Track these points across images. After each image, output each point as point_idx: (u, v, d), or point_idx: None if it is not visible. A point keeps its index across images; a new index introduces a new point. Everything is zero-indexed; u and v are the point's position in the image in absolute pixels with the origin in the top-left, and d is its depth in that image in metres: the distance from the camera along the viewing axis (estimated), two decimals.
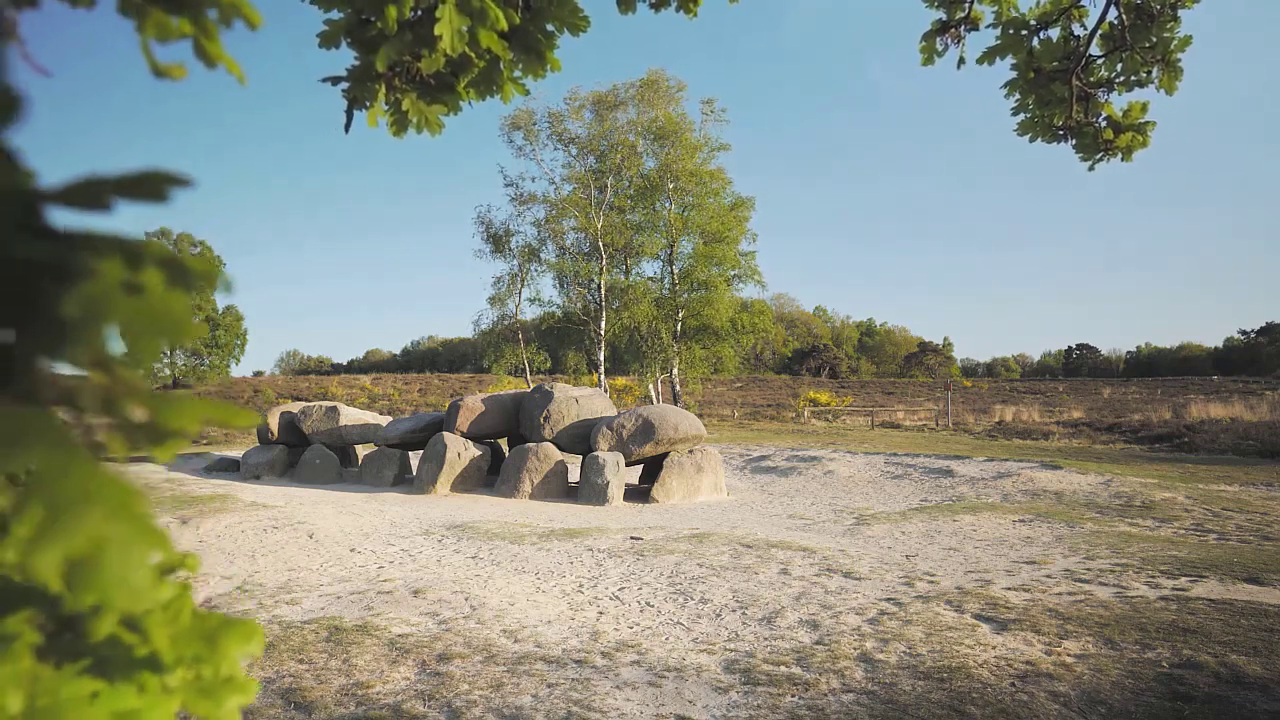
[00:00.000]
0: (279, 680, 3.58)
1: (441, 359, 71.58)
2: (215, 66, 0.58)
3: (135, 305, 0.37)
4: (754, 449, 16.52)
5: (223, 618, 0.48)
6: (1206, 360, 63.46)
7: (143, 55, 0.53)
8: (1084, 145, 2.52)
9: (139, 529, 0.36)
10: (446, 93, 1.41)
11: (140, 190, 0.39)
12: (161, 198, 0.40)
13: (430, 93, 1.40)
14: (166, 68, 0.53)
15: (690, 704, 3.35)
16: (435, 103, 1.41)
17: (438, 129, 1.44)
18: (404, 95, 1.38)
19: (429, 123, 1.42)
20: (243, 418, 0.41)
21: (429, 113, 1.41)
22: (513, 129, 23.89)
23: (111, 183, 0.38)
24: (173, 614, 0.46)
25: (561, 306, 24.05)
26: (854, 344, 75.50)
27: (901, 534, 7.59)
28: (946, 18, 2.59)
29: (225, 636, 0.47)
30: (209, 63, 0.58)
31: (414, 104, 1.39)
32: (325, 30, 1.32)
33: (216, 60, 0.58)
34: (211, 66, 0.58)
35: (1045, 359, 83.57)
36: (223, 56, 0.58)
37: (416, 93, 1.39)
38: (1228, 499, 8.97)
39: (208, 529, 7.48)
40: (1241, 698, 3.23)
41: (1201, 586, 4.96)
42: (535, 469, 10.96)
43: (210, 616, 0.48)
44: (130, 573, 0.35)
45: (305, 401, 15.53)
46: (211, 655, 0.46)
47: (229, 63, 0.59)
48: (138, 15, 0.54)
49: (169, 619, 0.46)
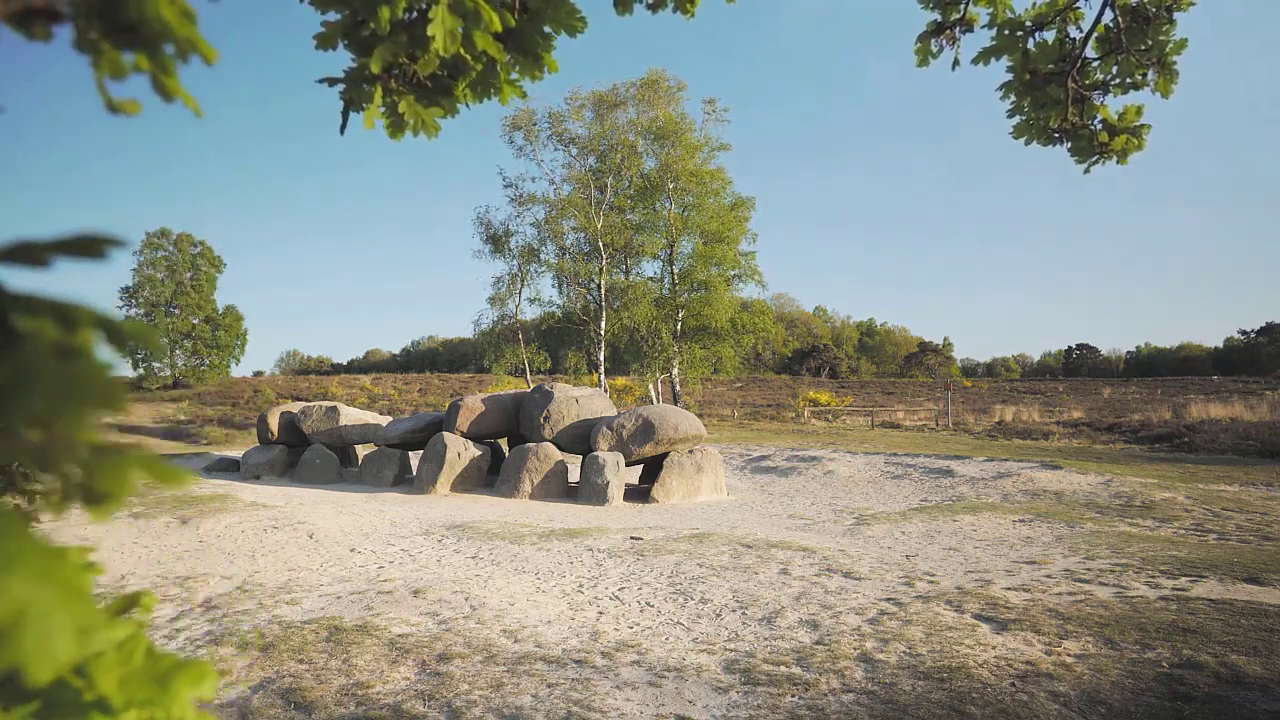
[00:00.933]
0: (279, 680, 3.58)
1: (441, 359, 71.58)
2: (173, 101, 0.59)
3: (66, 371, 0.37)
4: (754, 449, 16.52)
5: (175, 659, 0.48)
6: (1206, 360, 63.45)
7: (98, 92, 0.53)
8: (1079, 148, 2.52)
9: (63, 595, 0.35)
10: (444, 95, 1.41)
11: (79, 250, 0.39)
12: (100, 257, 0.40)
13: (427, 95, 1.40)
14: (121, 103, 0.53)
15: (690, 704, 3.35)
16: (432, 105, 1.41)
17: (434, 132, 1.44)
18: (401, 97, 1.38)
19: (425, 125, 1.42)
20: (181, 479, 0.41)
21: (426, 115, 1.41)
22: (513, 129, 23.90)
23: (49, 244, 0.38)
24: (125, 655, 0.46)
25: (561, 306, 24.05)
26: (854, 344, 75.50)
27: (901, 534, 7.59)
28: (941, 19, 2.59)
29: (177, 678, 0.47)
30: (166, 97, 0.58)
31: (411, 106, 1.39)
32: (322, 32, 1.32)
33: (174, 95, 0.58)
34: (169, 101, 0.58)
35: (1045, 359, 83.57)
36: (179, 91, 0.59)
37: (413, 95, 1.39)
38: (1228, 499, 8.97)
39: (208, 529, 7.48)
40: (1241, 698, 3.23)
41: (1201, 586, 4.96)
42: (535, 469, 10.96)
43: (163, 658, 0.48)
44: (50, 640, 0.34)
45: (305, 401, 15.54)
46: (162, 698, 0.46)
47: (186, 97, 0.59)
48: (93, 52, 0.54)
49: (120, 660, 0.46)
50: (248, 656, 3.90)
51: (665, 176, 23.41)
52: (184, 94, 0.59)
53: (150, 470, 0.39)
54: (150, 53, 0.56)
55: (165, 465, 0.40)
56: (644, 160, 23.81)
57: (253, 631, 4.30)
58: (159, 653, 0.49)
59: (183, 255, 33.30)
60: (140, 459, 0.39)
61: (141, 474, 0.39)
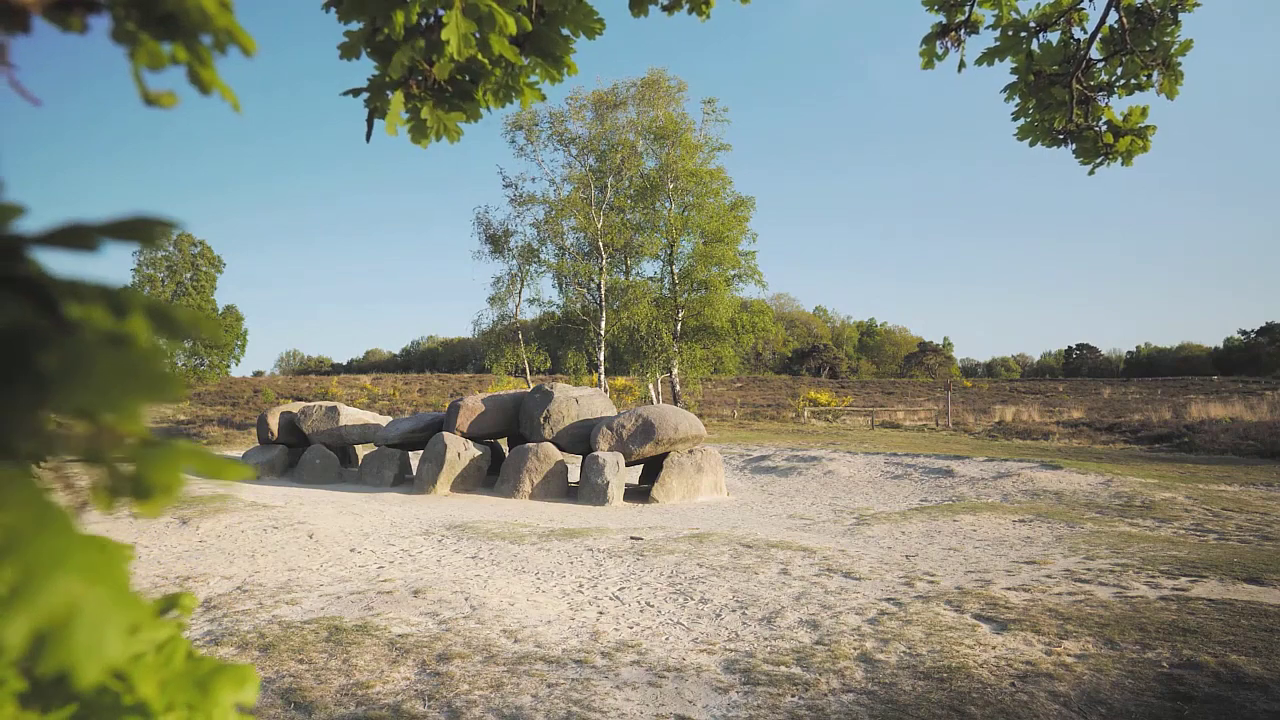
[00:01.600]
0: (279, 680, 3.58)
1: (441, 359, 71.56)
2: (210, 93, 0.57)
3: (118, 360, 0.36)
4: (754, 449, 16.52)
5: (216, 663, 0.47)
6: (1206, 360, 63.41)
7: (134, 83, 0.52)
8: (1084, 149, 2.52)
9: (113, 595, 0.34)
10: (465, 100, 1.41)
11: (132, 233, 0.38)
12: (152, 240, 0.39)
13: (448, 100, 1.40)
14: (157, 95, 0.52)
15: (690, 704, 3.35)
16: (454, 110, 1.41)
17: (456, 136, 1.44)
18: (423, 103, 1.38)
19: (448, 130, 1.42)
20: (231, 471, 0.39)
21: (448, 120, 1.41)
22: (515, 129, 23.93)
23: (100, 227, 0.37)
24: (165, 657, 0.45)
25: (561, 306, 24.05)
26: (854, 344, 75.50)
27: (901, 534, 7.59)
28: (946, 21, 2.59)
29: (218, 682, 0.46)
30: (203, 89, 0.57)
31: (432, 112, 1.39)
32: (345, 42, 1.32)
33: (211, 87, 0.57)
34: (206, 93, 0.57)
35: (1045, 359, 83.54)
36: (217, 82, 0.58)
37: (434, 100, 1.39)
38: (1228, 499, 8.97)
39: (208, 529, 7.48)
40: (1241, 698, 3.23)
41: (1201, 586, 4.96)
42: (535, 469, 10.96)
43: (204, 661, 0.47)
44: (101, 642, 0.33)
45: (305, 401, 15.53)
46: (203, 702, 0.45)
47: (223, 89, 0.58)
48: (130, 42, 0.53)
49: (160, 663, 0.45)
50: (247, 657, 3.90)
51: (665, 176, 23.41)
52: (222, 86, 0.58)
53: (202, 462, 0.38)
54: (187, 43, 0.55)
55: (216, 458, 0.39)
56: (644, 160, 23.82)
57: (253, 631, 4.30)
58: (200, 656, 0.47)
59: (183, 255, 33.30)
60: (192, 450, 0.38)
61: (194, 465, 0.38)
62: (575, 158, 23.99)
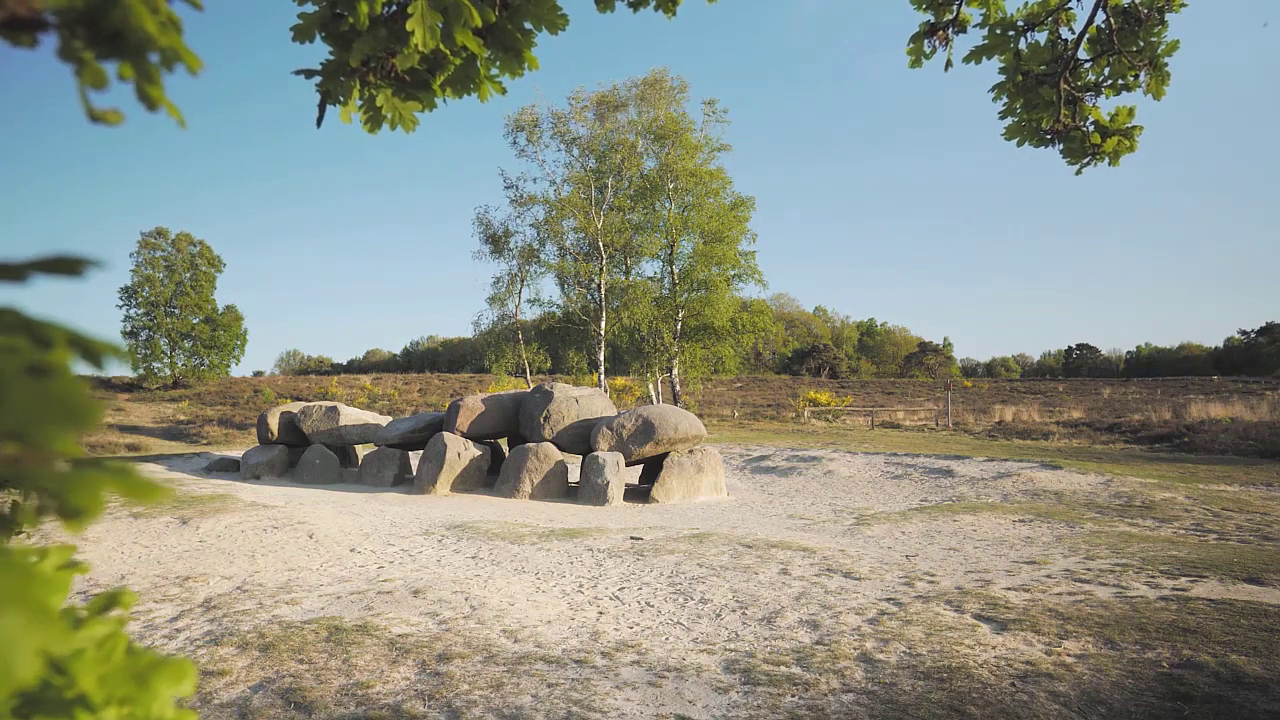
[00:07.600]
0: (279, 680, 3.58)
1: (441, 359, 71.52)
2: (156, 110, 0.58)
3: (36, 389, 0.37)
4: (754, 449, 16.52)
5: (154, 657, 0.49)
6: (1206, 360, 63.40)
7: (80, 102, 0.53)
8: (1071, 150, 2.52)
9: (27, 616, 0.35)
10: (421, 90, 1.40)
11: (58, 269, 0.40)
12: (78, 275, 0.41)
13: (405, 89, 1.40)
14: (103, 113, 0.53)
15: (690, 704, 3.35)
16: (410, 99, 1.41)
17: (411, 126, 1.43)
18: (379, 91, 1.38)
19: (403, 119, 1.41)
20: (155, 494, 0.41)
21: (404, 109, 1.40)
22: (516, 129, 23.94)
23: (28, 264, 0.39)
24: (105, 653, 0.47)
25: (561, 306, 24.06)
26: (854, 344, 75.48)
27: (901, 534, 7.59)
28: (934, 20, 2.59)
29: (156, 676, 0.48)
30: (150, 106, 0.58)
31: (389, 100, 1.38)
32: (299, 24, 1.31)
33: (158, 104, 0.58)
34: (153, 110, 0.58)
35: (1045, 359, 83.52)
36: (164, 100, 0.58)
37: (391, 89, 1.39)
38: (1228, 499, 8.97)
39: (208, 529, 7.48)
40: (1241, 698, 3.23)
41: (1201, 586, 4.96)
42: (535, 469, 10.96)
43: (142, 655, 0.49)
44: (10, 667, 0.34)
45: (305, 401, 15.53)
46: (142, 695, 0.47)
47: (170, 107, 0.59)
48: (76, 62, 0.54)
49: (101, 658, 0.47)
50: (248, 656, 3.90)
51: (665, 176, 23.43)
52: (168, 103, 0.59)
53: (123, 486, 0.39)
54: (134, 62, 0.56)
55: (140, 480, 0.40)
56: (644, 160, 23.84)
57: (253, 631, 4.30)
58: (139, 650, 0.49)
59: (181, 255, 33.26)
60: (113, 476, 0.39)
61: (114, 490, 0.39)
62: (576, 158, 24.02)
